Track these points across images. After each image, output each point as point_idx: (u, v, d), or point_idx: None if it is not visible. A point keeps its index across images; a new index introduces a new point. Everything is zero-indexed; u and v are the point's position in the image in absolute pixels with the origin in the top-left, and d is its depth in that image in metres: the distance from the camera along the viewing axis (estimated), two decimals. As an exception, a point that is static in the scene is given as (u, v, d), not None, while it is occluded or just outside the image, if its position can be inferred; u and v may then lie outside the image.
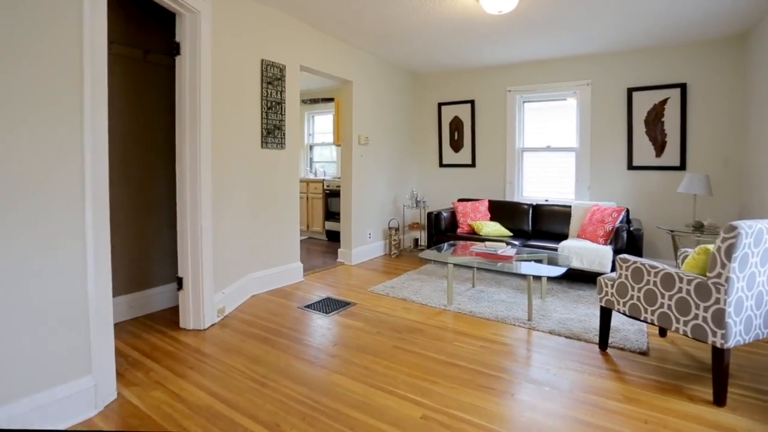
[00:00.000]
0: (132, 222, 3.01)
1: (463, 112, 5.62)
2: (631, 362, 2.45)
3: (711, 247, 2.13)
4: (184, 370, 2.23)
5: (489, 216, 5.01)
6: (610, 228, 3.99)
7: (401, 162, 5.75)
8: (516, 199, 5.33)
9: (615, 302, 2.48)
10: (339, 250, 4.96)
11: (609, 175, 4.77)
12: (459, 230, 4.89)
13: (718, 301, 1.96)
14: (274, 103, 3.76)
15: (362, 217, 5.00)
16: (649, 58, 4.49)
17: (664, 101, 4.43)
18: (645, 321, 2.31)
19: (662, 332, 2.89)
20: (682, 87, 4.33)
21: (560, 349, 2.63)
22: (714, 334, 1.98)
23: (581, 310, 3.33)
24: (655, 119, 4.48)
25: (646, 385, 2.18)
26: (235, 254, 3.28)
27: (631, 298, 2.38)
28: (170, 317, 2.96)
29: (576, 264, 3.81)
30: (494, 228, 4.69)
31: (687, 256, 2.68)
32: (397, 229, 5.35)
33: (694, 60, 4.30)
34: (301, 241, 6.19)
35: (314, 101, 7.01)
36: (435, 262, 4.81)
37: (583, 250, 3.85)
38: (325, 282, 4.06)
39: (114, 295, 2.85)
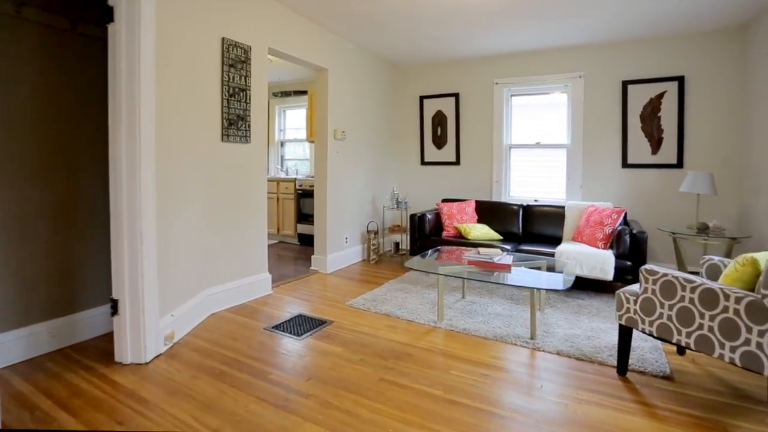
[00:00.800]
0: (55, 231, 2.44)
1: (447, 106, 5.24)
2: (657, 390, 2.10)
3: (760, 256, 1.80)
4: (110, 426, 1.72)
5: (476, 218, 4.64)
6: (610, 230, 3.68)
7: (380, 159, 5.31)
8: (503, 199, 4.99)
9: (639, 321, 2.12)
10: (312, 256, 4.47)
11: (602, 174, 4.48)
12: (444, 233, 4.50)
13: (778, 324, 1.62)
14: (237, 90, 3.25)
15: (338, 220, 4.54)
16: (645, 50, 4.22)
17: (661, 95, 4.17)
18: (678, 344, 1.96)
19: (680, 350, 2.57)
20: (680, 80, 4.08)
21: (573, 374, 2.26)
22: (772, 364, 1.64)
23: (585, 324, 2.99)
24: (651, 114, 4.22)
25: (684, 423, 1.82)
26: (188, 267, 2.75)
27: (660, 316, 2.02)
28: (105, 347, 2.41)
29: (575, 270, 3.47)
30: (483, 231, 4.32)
31: (712, 264, 2.36)
32: (376, 233, 4.91)
33: (692, 52, 4.05)
34: (270, 246, 5.66)
35: (286, 94, 6.48)
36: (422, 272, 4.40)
37: (583, 255, 3.52)
38: (297, 295, 3.57)
39: (29, 323, 2.29)
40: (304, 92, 6.28)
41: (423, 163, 5.50)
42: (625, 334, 2.23)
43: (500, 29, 4.01)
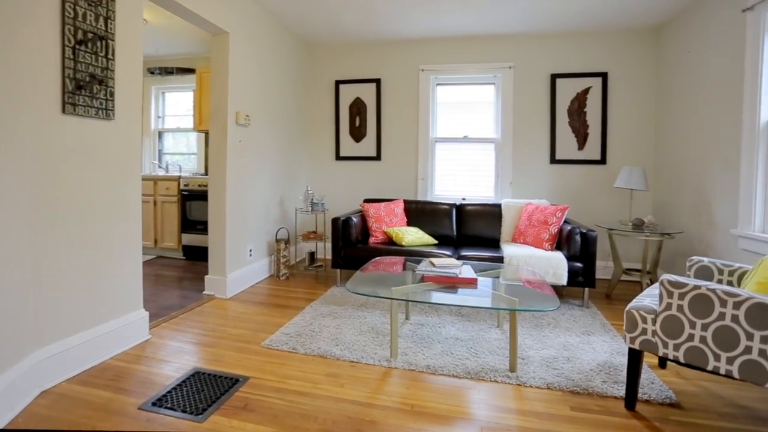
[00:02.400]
0: None
1: (367, 93, 4.59)
2: (679, 427, 1.72)
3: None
4: None
5: (406, 220, 4.08)
6: (556, 230, 3.41)
7: (289, 153, 4.43)
8: (429, 198, 4.53)
9: (659, 344, 1.72)
10: (207, 277, 3.43)
11: (532, 170, 4.28)
12: (372, 239, 3.84)
13: None
14: (91, 36, 2.14)
15: (240, 227, 3.57)
16: (572, 44, 4.11)
17: (587, 90, 4.09)
18: (715, 372, 1.58)
19: (661, 362, 2.29)
20: (604, 76, 4.04)
21: (581, 418, 1.78)
22: None
23: (554, 340, 2.60)
24: (578, 109, 4.12)
25: (739, 477, 1.43)
26: (-8, 320, 1.63)
27: (691, 338, 1.63)
28: None
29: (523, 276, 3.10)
30: (417, 236, 3.76)
31: (703, 266, 2.10)
32: (287, 242, 4.03)
33: (615, 49, 4.04)
34: (145, 263, 4.37)
35: (167, 72, 5.15)
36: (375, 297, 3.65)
37: (534, 260, 3.18)
38: (189, 337, 2.56)
39: None
40: (191, 71, 5.06)
41: (338, 158, 4.77)
42: (635, 361, 1.82)
43: (435, 4, 3.48)
